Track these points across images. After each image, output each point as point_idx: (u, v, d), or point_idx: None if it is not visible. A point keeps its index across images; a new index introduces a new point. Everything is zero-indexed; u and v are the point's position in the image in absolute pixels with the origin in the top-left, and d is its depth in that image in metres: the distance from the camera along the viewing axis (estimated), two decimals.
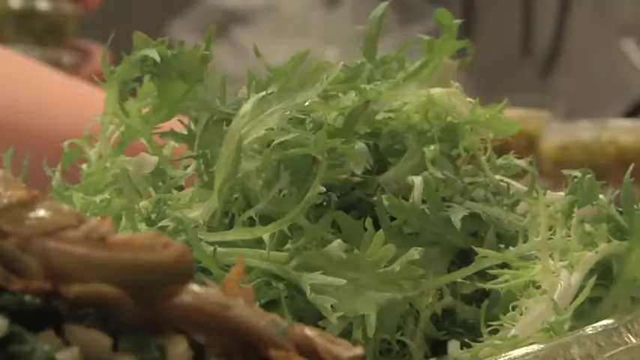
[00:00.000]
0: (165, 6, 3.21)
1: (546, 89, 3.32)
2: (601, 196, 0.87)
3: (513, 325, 0.83)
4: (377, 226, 0.84)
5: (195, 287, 0.59)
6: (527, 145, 1.58)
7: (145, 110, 0.93)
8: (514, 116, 1.50)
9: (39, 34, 2.65)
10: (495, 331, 0.83)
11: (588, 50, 3.47)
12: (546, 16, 3.61)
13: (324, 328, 0.80)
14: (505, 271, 0.84)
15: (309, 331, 0.62)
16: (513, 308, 0.83)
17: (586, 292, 0.82)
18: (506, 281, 0.84)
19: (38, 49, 2.56)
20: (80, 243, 0.57)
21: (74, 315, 0.57)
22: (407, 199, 0.86)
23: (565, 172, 0.89)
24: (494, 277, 0.85)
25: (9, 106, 1.82)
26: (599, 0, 3.56)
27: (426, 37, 0.92)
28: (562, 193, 0.87)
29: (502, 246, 0.87)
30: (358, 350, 0.63)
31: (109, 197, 0.90)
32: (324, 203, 0.86)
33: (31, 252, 0.57)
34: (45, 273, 0.57)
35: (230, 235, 0.85)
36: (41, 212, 0.59)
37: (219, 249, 0.84)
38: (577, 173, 0.87)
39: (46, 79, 1.93)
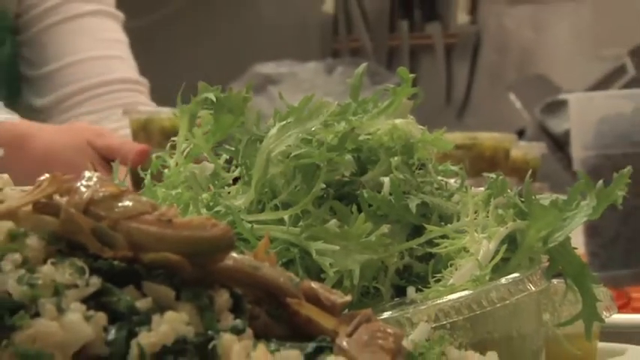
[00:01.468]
0: (227, 73, 3.29)
1: (461, 125, 3.57)
2: (509, 191, 0.90)
3: (451, 277, 0.86)
4: (360, 210, 0.88)
5: (234, 254, 0.62)
6: (504, 155, 1.54)
7: (205, 133, 0.95)
8: (498, 137, 1.53)
9: None
10: (439, 281, 0.86)
11: (488, 100, 3.82)
12: (460, 78, 3.97)
13: (324, 280, 0.84)
14: (445, 240, 0.88)
15: (314, 284, 0.65)
16: (451, 265, 0.87)
17: (499, 255, 0.86)
18: (446, 247, 0.88)
19: None
20: (153, 224, 0.60)
21: (149, 275, 0.60)
22: (380, 193, 0.89)
23: (485, 174, 0.92)
24: (438, 244, 0.88)
25: None
26: (495, 69, 3.83)
27: (392, 86, 0.95)
28: (482, 188, 0.91)
29: (443, 223, 0.90)
30: (348, 297, 0.65)
31: (181, 191, 0.93)
32: (325, 195, 0.90)
33: (118, 230, 0.59)
34: (128, 245, 0.59)
35: (262, 217, 0.89)
36: (126, 202, 0.61)
37: (254, 226, 0.87)
38: (493, 175, 0.90)
39: None
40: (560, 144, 3.04)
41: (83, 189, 0.62)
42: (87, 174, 0.64)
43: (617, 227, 1.79)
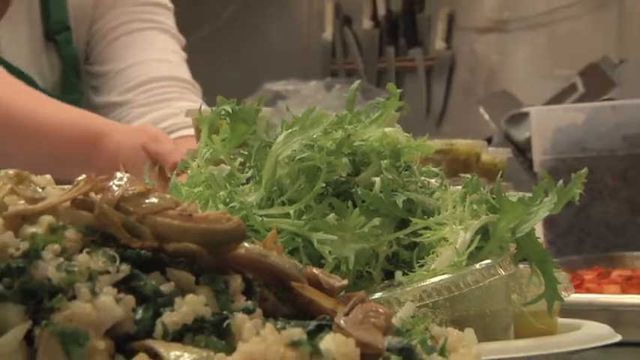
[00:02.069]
0: (243, 90, 3.28)
1: (439, 133, 3.59)
2: (482, 189, 0.90)
3: (432, 263, 0.85)
4: (355, 205, 0.88)
5: (246, 244, 0.61)
6: (476, 159, 1.54)
7: (223, 140, 0.95)
8: (470, 143, 1.52)
9: None
10: (422, 266, 0.86)
11: (461, 112, 3.91)
12: (438, 94, 4.19)
13: (324, 265, 0.84)
14: (427, 231, 0.88)
15: (315, 270, 0.65)
16: (433, 253, 0.86)
17: (474, 244, 0.85)
18: (428, 237, 0.87)
19: None
20: (176, 218, 0.59)
21: (172, 262, 0.59)
22: (371, 191, 0.89)
23: (461, 175, 0.92)
24: (421, 235, 0.88)
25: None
26: (467, 86, 3.85)
27: (381, 100, 0.95)
28: (459, 187, 0.90)
29: (425, 217, 0.89)
30: (344, 281, 0.65)
31: (202, 189, 0.93)
32: (324, 193, 0.89)
33: (145, 223, 0.58)
34: (153, 236, 0.58)
35: (270, 211, 0.88)
36: (152, 199, 0.60)
37: (264, 219, 0.87)
38: (468, 176, 0.90)
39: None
40: (521, 150, 3.05)
41: (115, 187, 0.61)
42: (118, 174, 0.62)
43: (571, 220, 1.78)
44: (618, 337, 0.91)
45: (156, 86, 1.85)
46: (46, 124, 1.56)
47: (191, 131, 1.73)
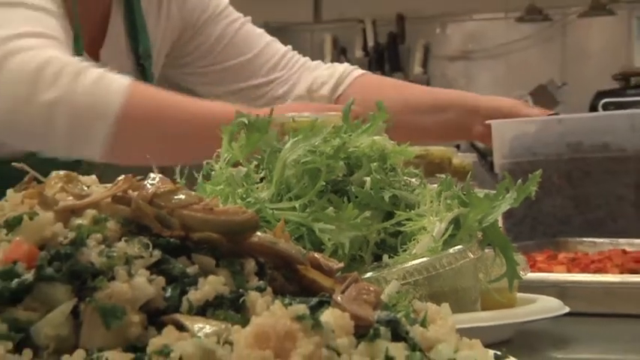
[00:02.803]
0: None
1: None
2: (454, 187, 0.88)
3: (414, 248, 0.84)
4: (349, 201, 0.87)
5: (259, 233, 0.60)
6: (448, 162, 1.52)
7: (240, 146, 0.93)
8: (443, 149, 1.51)
9: None
10: (405, 251, 0.85)
11: None
12: None
13: (324, 250, 0.82)
14: (409, 222, 0.86)
15: (316, 254, 0.63)
16: (414, 240, 0.85)
17: (448, 232, 0.84)
18: (410, 227, 0.86)
19: None
20: (200, 211, 0.58)
21: (196, 249, 0.57)
22: (363, 188, 0.88)
23: (437, 175, 0.90)
24: (404, 224, 0.86)
25: None
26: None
27: (371, 113, 0.93)
28: (435, 185, 0.88)
29: (408, 210, 0.88)
30: (341, 264, 0.64)
31: (223, 187, 0.91)
32: (324, 190, 0.87)
33: (174, 216, 0.57)
34: (181, 227, 0.57)
35: (280, 205, 0.87)
36: (180, 195, 0.59)
37: (274, 212, 0.86)
38: (443, 176, 0.88)
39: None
40: (484, 155, 3.04)
41: (149, 186, 0.59)
42: (152, 175, 0.60)
43: (525, 211, 1.77)
44: (566, 309, 0.90)
45: (288, 59, 1.72)
46: (198, 111, 1.40)
47: (358, 71, 1.69)
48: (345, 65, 1.72)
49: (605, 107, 3.89)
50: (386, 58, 4.32)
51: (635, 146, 1.67)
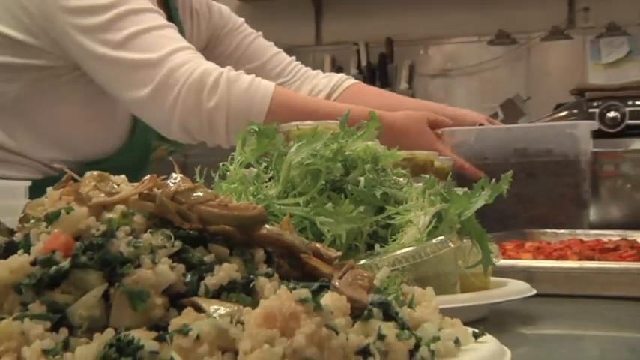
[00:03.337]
0: None
1: None
2: (437, 185, 0.87)
3: (402, 239, 0.83)
4: (346, 197, 0.86)
5: (267, 226, 0.59)
6: (431, 164, 1.49)
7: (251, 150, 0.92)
8: (426, 154, 1.48)
9: None
10: (395, 241, 0.83)
11: None
12: None
13: (324, 241, 0.81)
14: (398, 216, 0.85)
15: (317, 244, 0.63)
16: (402, 231, 0.84)
17: (431, 225, 0.83)
18: (399, 220, 0.85)
19: None
20: (215, 207, 0.57)
21: (212, 239, 0.56)
22: (358, 186, 0.87)
23: (422, 176, 0.89)
24: (394, 218, 0.85)
25: None
26: None
27: (365, 122, 0.92)
28: (420, 184, 0.87)
29: (397, 205, 0.87)
30: (338, 253, 0.63)
31: (236, 186, 0.90)
32: (324, 188, 0.86)
33: (193, 211, 0.56)
34: (199, 221, 0.56)
35: (286, 202, 0.85)
36: (198, 193, 0.58)
37: (281, 207, 0.84)
38: (427, 176, 0.88)
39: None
40: None
41: (171, 184, 0.58)
42: (174, 175, 0.59)
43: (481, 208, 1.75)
44: (533, 291, 0.89)
45: (292, 67, 1.78)
46: (321, 108, 1.45)
47: (350, 80, 1.74)
48: (340, 75, 1.76)
49: (564, 117, 3.87)
50: (377, 76, 4.31)
51: (576, 152, 1.66)
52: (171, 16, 1.66)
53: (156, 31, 1.37)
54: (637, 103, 3.84)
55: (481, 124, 1.73)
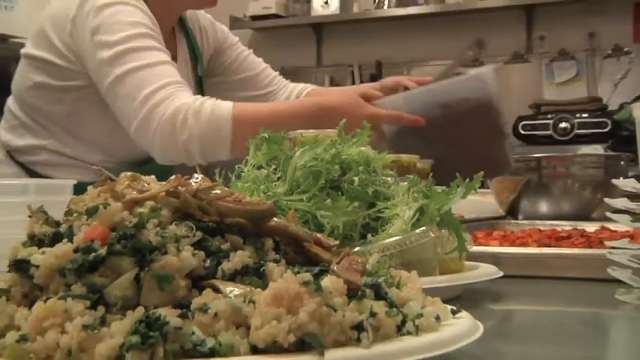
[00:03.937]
0: None
1: (391, 151, 3.29)
2: (420, 184, 0.84)
3: (390, 229, 0.81)
4: (342, 195, 0.84)
5: (275, 219, 0.58)
6: (414, 166, 1.47)
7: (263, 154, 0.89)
8: (410, 157, 1.46)
9: None
10: (384, 231, 0.82)
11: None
12: (392, 128, 3.66)
13: (324, 231, 0.79)
14: (387, 210, 0.83)
15: (318, 235, 0.61)
16: (390, 223, 0.82)
17: (415, 218, 0.82)
18: (387, 214, 0.83)
19: None
20: (231, 202, 0.56)
21: (228, 230, 0.55)
22: (353, 185, 0.85)
23: (407, 176, 0.87)
24: (383, 212, 0.84)
25: None
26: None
27: (359, 130, 0.89)
28: (405, 183, 0.85)
29: (386, 201, 0.84)
30: (336, 242, 0.61)
31: (250, 184, 0.87)
32: (324, 187, 0.84)
33: (212, 206, 0.55)
34: (217, 214, 0.55)
35: (291, 198, 0.84)
36: (217, 190, 0.56)
37: (288, 203, 0.83)
38: (411, 176, 0.86)
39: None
40: None
41: (193, 183, 0.56)
42: (195, 175, 0.58)
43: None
44: (500, 273, 0.87)
45: (278, 79, 1.86)
46: (286, 115, 1.46)
47: (313, 86, 1.85)
48: (306, 84, 1.88)
49: (524, 127, 3.86)
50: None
51: (487, 94, 1.62)
52: (188, 34, 1.71)
53: (150, 68, 1.40)
54: (584, 115, 3.87)
55: (406, 88, 1.68)
